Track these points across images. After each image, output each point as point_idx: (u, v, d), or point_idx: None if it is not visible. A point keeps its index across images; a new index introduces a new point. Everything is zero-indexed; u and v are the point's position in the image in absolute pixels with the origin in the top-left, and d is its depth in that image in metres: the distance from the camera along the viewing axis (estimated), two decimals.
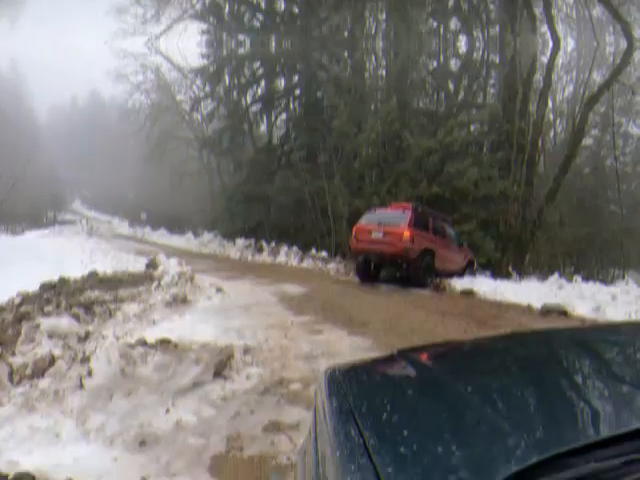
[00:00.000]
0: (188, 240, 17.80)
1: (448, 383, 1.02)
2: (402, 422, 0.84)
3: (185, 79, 21.73)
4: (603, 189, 21.24)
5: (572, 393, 0.98)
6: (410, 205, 8.78)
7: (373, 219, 8.68)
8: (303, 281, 8.70)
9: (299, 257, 12.27)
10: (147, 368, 3.11)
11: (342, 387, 1.03)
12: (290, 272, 10.58)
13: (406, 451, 0.71)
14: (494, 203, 14.15)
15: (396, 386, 1.11)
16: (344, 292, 7.51)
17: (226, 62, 16.29)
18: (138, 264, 9.38)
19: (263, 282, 8.59)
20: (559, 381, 1.03)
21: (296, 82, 17.96)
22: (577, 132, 14.89)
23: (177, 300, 6.19)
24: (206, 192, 22.00)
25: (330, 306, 6.28)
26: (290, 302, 6.59)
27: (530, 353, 1.28)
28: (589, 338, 1.38)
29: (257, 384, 3.47)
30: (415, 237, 8.04)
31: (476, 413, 0.84)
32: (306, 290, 7.62)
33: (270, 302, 6.64)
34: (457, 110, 16.69)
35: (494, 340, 1.62)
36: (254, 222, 16.40)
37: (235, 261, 13.04)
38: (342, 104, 14.53)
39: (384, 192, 13.49)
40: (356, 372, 1.20)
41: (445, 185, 12.94)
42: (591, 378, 1.06)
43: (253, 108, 17.92)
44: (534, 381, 1.03)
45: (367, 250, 8.44)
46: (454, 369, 1.20)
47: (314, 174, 14.55)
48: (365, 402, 0.95)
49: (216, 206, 19.63)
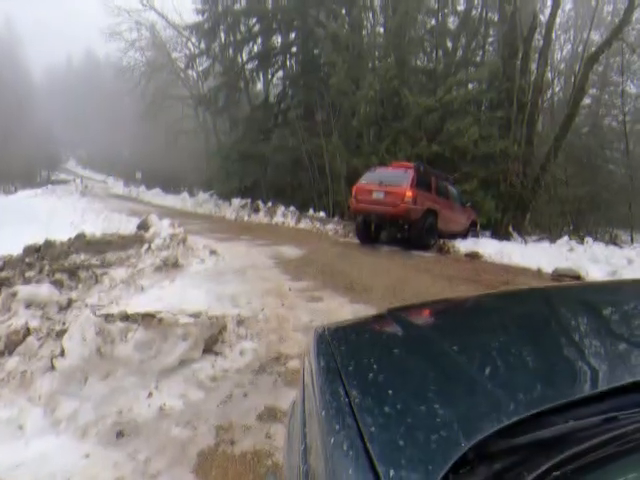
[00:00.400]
0: (183, 200, 17.17)
1: (435, 342, 1.00)
2: (388, 381, 0.82)
3: (180, 36, 20.37)
4: (602, 148, 20.71)
5: (556, 352, 0.95)
6: (412, 164, 8.19)
7: (374, 178, 8.12)
8: (301, 243, 8.23)
9: (296, 217, 11.74)
10: (127, 346, 2.67)
11: (330, 347, 1.00)
12: (287, 233, 10.08)
13: (390, 410, 0.70)
14: (494, 162, 13.65)
15: (384, 345, 1.06)
16: (344, 255, 7.04)
17: (222, 18, 15.06)
18: (130, 225, 8.87)
19: (259, 244, 8.13)
20: (544, 340, 1.01)
21: (293, 39, 16.84)
22: (578, 91, 14.20)
23: (168, 264, 5.73)
24: (202, 151, 21.19)
25: (329, 270, 5.84)
26: (287, 266, 6.15)
27: (517, 311, 1.27)
28: (575, 296, 1.40)
29: (252, 361, 3.07)
30: (417, 197, 7.57)
31: (460, 372, 0.83)
32: (304, 252, 7.16)
33: (266, 265, 6.20)
34: (456, 68, 15.91)
35: (484, 298, 1.60)
36: (250, 181, 15.79)
37: (231, 221, 12.50)
38: (340, 61, 13.62)
39: (383, 151, 12.89)
40: (345, 332, 1.16)
41: (445, 144, 12.35)
42: (575, 337, 1.05)
43: (249, 65, 16.86)
44: (519, 339, 1.03)
45: (367, 210, 7.93)
46: (442, 328, 1.19)
47: (311, 132, 13.82)
48: (352, 361, 0.92)
49: (212, 165, 18.91)
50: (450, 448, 0.58)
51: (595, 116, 22.54)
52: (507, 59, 14.22)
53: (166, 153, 24.12)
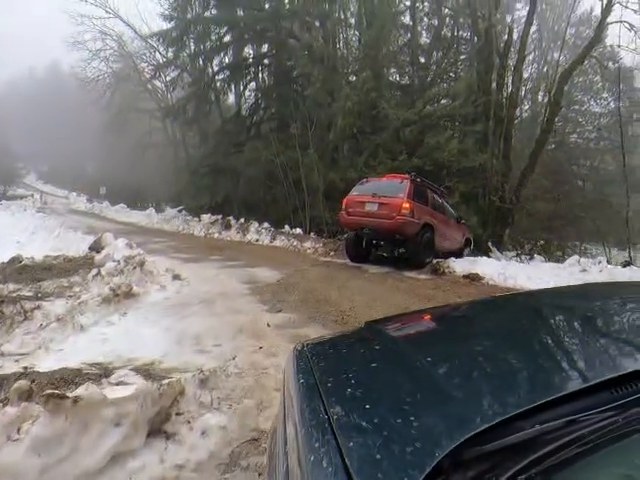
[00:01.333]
0: (149, 216, 15.89)
1: (411, 354, 1.01)
2: (365, 396, 0.81)
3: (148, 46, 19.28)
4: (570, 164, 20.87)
5: (523, 358, 0.95)
6: (407, 175, 7.41)
7: (366, 190, 7.32)
8: (278, 263, 7.27)
9: (271, 234, 10.77)
10: (18, 449, 1.67)
11: (309, 363, 0.99)
12: (262, 252, 9.08)
13: (367, 425, 0.70)
14: (473, 177, 13.22)
15: (362, 360, 1.04)
16: (328, 278, 6.13)
17: (190, 26, 14.15)
18: (83, 245, 7.70)
19: (231, 265, 7.13)
20: (513, 346, 1.02)
21: (266, 50, 16.10)
22: (553, 106, 14.09)
23: (120, 293, 4.67)
24: (170, 165, 20.02)
25: (314, 298, 4.92)
26: (264, 292, 5.19)
27: (488, 319, 1.32)
28: (543, 302, 1.44)
29: (219, 446, 2.11)
30: (415, 210, 6.81)
31: (434, 382, 0.83)
32: (282, 275, 6.21)
33: (239, 292, 5.22)
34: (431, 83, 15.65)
35: (459, 306, 1.63)
36: (221, 196, 14.76)
37: (200, 239, 11.38)
38: (315, 72, 12.96)
39: (361, 164, 12.20)
40: (324, 347, 1.15)
41: (425, 157, 11.76)
42: (541, 343, 1.07)
43: (220, 76, 15.95)
44: (489, 347, 1.03)
45: (360, 224, 7.07)
46: (418, 339, 1.20)
47: (286, 145, 12.99)
48: (331, 377, 0.91)
49: (181, 180, 17.79)
50: (425, 458, 0.59)
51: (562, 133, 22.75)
52: (483, 74, 13.95)
53: (133, 167, 22.80)
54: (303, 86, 13.59)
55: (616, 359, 0.91)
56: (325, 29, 15.01)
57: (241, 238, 11.18)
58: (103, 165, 25.40)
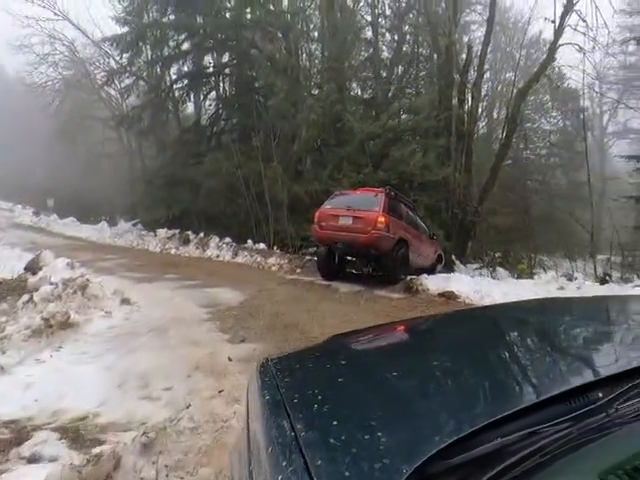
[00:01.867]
0: (101, 230, 14.78)
1: (378, 367, 1.01)
2: (333, 412, 0.80)
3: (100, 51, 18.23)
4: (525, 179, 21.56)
5: (487, 370, 0.96)
6: (382, 189, 7.18)
7: (340, 203, 7.03)
8: (240, 282, 6.70)
9: (233, 250, 10.13)
10: None
11: (274, 379, 0.96)
12: (223, 270, 8.44)
13: (335, 442, 0.69)
14: (437, 190, 13.23)
15: (328, 374, 1.02)
16: (296, 299, 5.63)
17: (147, 31, 13.44)
18: (20, 264, 6.83)
19: (188, 285, 6.49)
20: (477, 359, 1.03)
21: (227, 60, 15.59)
22: (510, 122, 14.48)
23: (54, 323, 4.00)
24: (125, 176, 18.92)
25: (281, 323, 4.42)
26: (225, 318, 4.63)
27: (455, 332, 1.32)
28: (504, 316, 1.47)
29: None
30: (390, 224, 6.55)
31: (401, 396, 0.84)
32: (245, 297, 5.65)
33: (197, 318, 4.63)
34: (393, 97, 15.72)
35: (424, 320, 1.63)
36: (179, 209, 13.95)
37: (155, 256, 10.55)
38: (279, 83, 12.58)
39: (326, 177, 11.86)
40: (289, 362, 1.12)
41: (391, 171, 11.58)
42: (505, 355, 1.09)
43: (178, 84, 15.22)
44: (455, 360, 1.03)
45: (333, 238, 6.73)
46: (385, 352, 1.18)
47: (248, 157, 12.47)
48: (297, 393, 0.89)
49: (136, 192, 16.80)
50: (392, 474, 0.59)
51: (516, 149, 23.54)
52: (444, 90, 14.09)
53: (84, 179, 21.37)
54: (266, 97, 13.16)
55: (572, 371, 0.93)
56: (288, 40, 14.72)
57: (200, 254, 10.47)
58: (52, 176, 23.68)
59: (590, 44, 13.45)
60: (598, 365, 0.96)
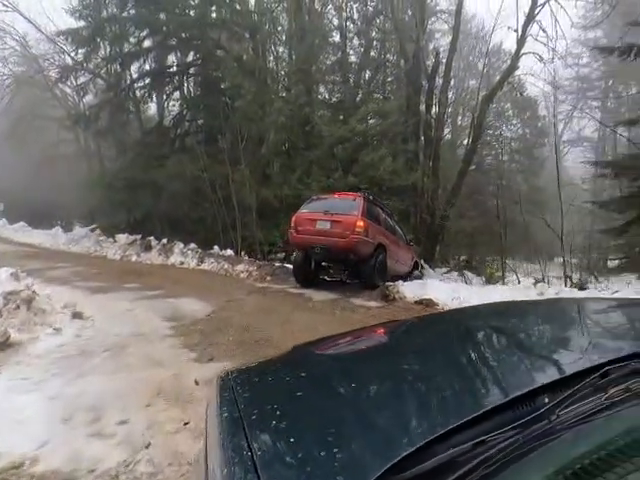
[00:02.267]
0: (55, 236, 13.80)
1: (337, 380, 1.01)
2: (291, 428, 0.78)
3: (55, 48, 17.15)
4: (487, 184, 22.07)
5: (441, 380, 0.96)
6: (360, 193, 7.12)
7: (317, 207, 6.85)
8: (207, 292, 6.26)
9: (198, 257, 9.61)
10: None
11: (233, 394, 0.94)
12: (188, 278, 7.93)
13: (292, 460, 0.69)
14: (406, 195, 13.22)
15: (288, 388, 0.99)
16: (267, 309, 5.26)
17: (105, 25, 12.69)
18: None
19: (150, 296, 5.99)
20: (433, 367, 1.04)
21: (192, 59, 15.01)
22: (476, 127, 14.71)
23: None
24: (83, 179, 17.86)
25: (252, 337, 4.06)
26: (191, 333, 4.22)
27: (415, 339, 1.34)
28: (457, 322, 1.49)
29: None
30: (369, 229, 6.40)
31: (356, 410, 0.82)
32: (213, 308, 5.24)
33: (159, 334, 4.20)
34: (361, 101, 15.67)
35: (386, 327, 1.62)
36: (141, 213, 13.27)
37: (114, 263, 9.86)
38: (246, 84, 12.19)
39: (295, 181, 11.57)
40: (249, 375, 1.09)
41: (360, 175, 11.42)
42: (459, 362, 1.09)
43: (139, 84, 14.48)
44: (413, 369, 1.05)
45: (310, 243, 6.51)
46: (344, 363, 1.17)
47: (215, 159, 11.99)
48: (255, 409, 0.87)
49: (95, 195, 15.87)
50: None
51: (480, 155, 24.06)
52: (412, 95, 14.13)
53: (37, 181, 20.02)
54: (233, 98, 12.71)
55: (521, 377, 0.92)
56: (255, 41, 14.37)
57: (163, 261, 9.89)
58: (1, 179, 22.22)
59: (550, 54, 13.90)
60: (547, 370, 0.95)
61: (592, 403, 0.70)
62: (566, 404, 0.69)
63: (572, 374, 0.78)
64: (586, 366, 0.80)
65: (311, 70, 14.11)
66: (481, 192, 20.58)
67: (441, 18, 16.76)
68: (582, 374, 0.76)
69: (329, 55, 16.18)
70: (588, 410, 0.69)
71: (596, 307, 1.62)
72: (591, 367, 0.78)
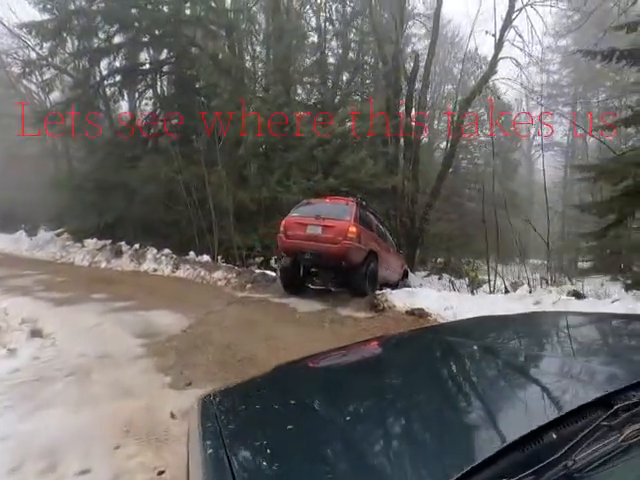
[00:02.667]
0: (18, 241, 12.94)
1: (318, 403, 0.97)
2: (269, 449, 0.77)
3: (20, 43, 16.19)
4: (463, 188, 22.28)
5: (440, 415, 0.87)
6: (353, 198, 6.86)
7: (308, 211, 6.56)
8: (183, 303, 5.83)
9: (173, 263, 9.10)
10: None
11: (215, 414, 0.93)
12: (162, 286, 7.42)
13: None
14: (387, 198, 13.05)
15: (267, 408, 0.97)
16: (249, 323, 4.87)
17: (72, 18, 11.98)
18: None
19: (120, 308, 5.51)
20: (416, 391, 0.99)
21: (165, 57, 14.43)
22: (456, 130, 14.71)
23: None
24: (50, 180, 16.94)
25: (234, 356, 3.68)
26: (165, 352, 3.81)
27: (402, 359, 1.27)
28: (457, 343, 1.35)
29: None
30: (362, 235, 6.16)
31: (342, 436, 0.79)
32: (190, 321, 4.82)
33: (130, 354, 3.77)
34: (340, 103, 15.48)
35: (372, 344, 1.58)
36: (112, 217, 12.58)
37: (81, 271, 9.22)
38: (222, 83, 11.75)
39: (274, 183, 11.19)
40: (232, 396, 1.09)
41: (341, 178, 11.15)
42: (465, 393, 1.01)
43: (110, 81, 13.79)
44: (394, 392, 0.99)
45: (300, 248, 6.22)
46: (327, 385, 1.14)
47: (190, 161, 11.48)
48: (236, 430, 0.87)
49: (63, 198, 15.08)
50: None
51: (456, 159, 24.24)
52: (392, 97, 14.00)
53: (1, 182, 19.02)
54: (209, 98, 12.24)
55: (523, 410, 0.85)
56: (231, 40, 13.94)
57: (135, 267, 9.33)
58: None
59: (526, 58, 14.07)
60: (551, 402, 0.86)
61: (609, 446, 0.64)
62: (582, 447, 0.63)
63: (579, 407, 0.72)
64: (592, 398, 0.74)
65: (289, 70, 13.79)
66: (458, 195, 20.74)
67: (419, 21, 16.70)
68: (588, 407, 0.72)
69: (307, 56, 15.91)
70: (605, 454, 0.63)
71: (591, 323, 1.53)
72: (598, 399, 0.73)
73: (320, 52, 15.21)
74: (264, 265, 11.76)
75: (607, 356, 1.16)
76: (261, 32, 15.13)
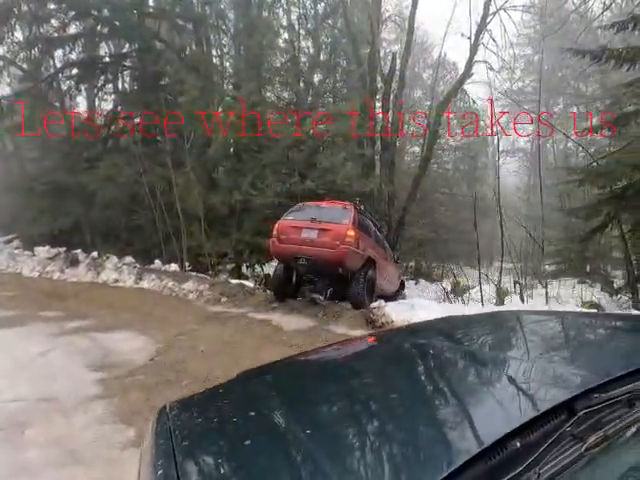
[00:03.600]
0: None
1: (282, 409, 0.91)
2: (221, 463, 0.74)
3: None
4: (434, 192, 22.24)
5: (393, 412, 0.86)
6: (350, 203, 6.67)
7: (304, 215, 6.17)
8: (149, 321, 5.00)
9: (136, 273, 8.15)
10: None
11: (170, 429, 0.87)
12: (124, 300, 6.48)
13: None
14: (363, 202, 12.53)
15: (229, 421, 0.92)
16: (230, 346, 4.12)
17: (21, 3, 10.80)
18: None
19: (73, 329, 4.63)
20: (379, 401, 0.94)
21: (127, 50, 13.40)
22: (432, 134, 14.46)
23: None
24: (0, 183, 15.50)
25: None
26: (128, 390, 3.03)
27: (368, 364, 1.22)
28: (423, 338, 1.35)
29: None
30: (360, 240, 5.79)
31: (300, 445, 0.75)
32: (158, 346, 4.03)
33: (81, 396, 2.96)
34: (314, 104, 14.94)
35: (338, 350, 1.49)
36: (68, 223, 11.46)
37: (30, 282, 8.08)
38: (191, 79, 10.89)
39: (247, 186, 10.42)
40: (190, 408, 1.01)
41: (318, 180, 10.54)
42: (428, 400, 0.95)
43: (65, 74, 12.61)
44: (368, 403, 0.95)
45: (294, 253, 5.82)
46: (291, 393, 1.08)
47: (155, 162, 10.56)
48: (191, 447, 0.81)
49: (14, 201, 13.77)
50: None
51: None
52: (367, 98, 13.54)
53: None
54: (175, 95, 11.36)
55: (485, 417, 0.79)
56: (199, 35, 13.09)
57: (93, 278, 8.31)
58: None
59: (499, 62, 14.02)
60: (511, 409, 0.81)
61: (572, 456, 0.62)
62: (546, 459, 0.60)
63: (542, 413, 0.68)
64: (557, 402, 0.71)
65: (261, 68, 13.10)
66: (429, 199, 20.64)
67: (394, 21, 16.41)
68: (553, 411, 0.69)
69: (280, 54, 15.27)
70: (569, 465, 0.61)
71: (555, 322, 1.50)
72: (562, 403, 0.70)
73: (293, 49, 14.58)
74: (235, 272, 10.97)
75: (571, 357, 1.12)
76: (231, 27, 14.32)
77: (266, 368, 1.25)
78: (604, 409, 0.70)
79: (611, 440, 0.65)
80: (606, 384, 0.76)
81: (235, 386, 1.14)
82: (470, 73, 13.52)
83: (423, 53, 25.62)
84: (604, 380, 0.76)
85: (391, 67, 13.23)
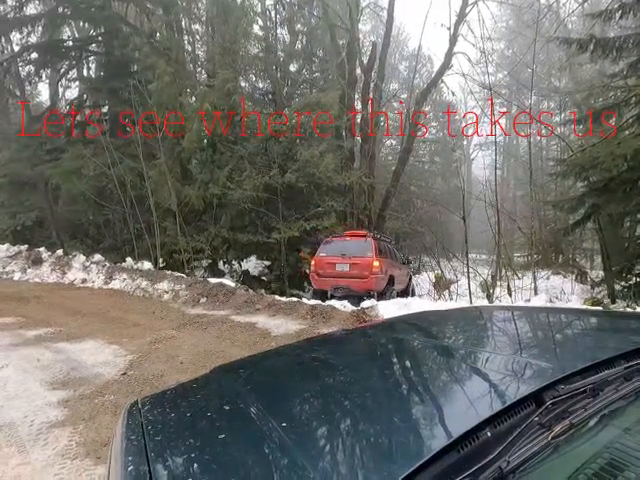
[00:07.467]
0: None
1: (257, 411, 0.86)
2: (197, 458, 0.70)
3: None
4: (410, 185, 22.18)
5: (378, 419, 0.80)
6: (367, 233, 8.19)
7: (333, 250, 7.70)
8: (120, 327, 4.51)
9: (106, 272, 7.56)
10: None
11: (141, 424, 0.83)
12: (92, 304, 5.92)
13: None
14: (344, 195, 12.22)
15: (203, 416, 0.87)
16: (212, 356, 3.64)
17: None
18: None
19: (32, 339, 4.10)
20: (353, 392, 0.93)
21: (92, 34, 12.55)
22: (412, 126, 14.23)
23: None
24: None
25: None
26: (96, 415, 2.58)
27: (345, 357, 1.23)
28: (404, 332, 1.41)
29: None
30: (382, 266, 7.35)
31: (274, 439, 0.72)
32: (131, 357, 3.58)
33: (39, 422, 2.51)
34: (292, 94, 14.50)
35: (313, 344, 1.49)
36: (31, 219, 10.71)
37: None
38: (161, 66, 10.21)
39: (224, 179, 9.94)
40: (162, 403, 0.95)
41: (298, 172, 10.15)
42: (400, 394, 0.94)
43: (25, 58, 11.68)
44: (340, 396, 0.93)
45: (333, 285, 7.38)
46: (268, 388, 1.04)
47: (125, 153, 9.90)
48: (164, 443, 0.77)
49: None
50: None
51: None
52: (346, 89, 13.17)
53: None
54: (146, 82, 10.68)
55: (455, 407, 0.81)
56: (169, 19, 12.37)
57: (58, 279, 7.66)
58: None
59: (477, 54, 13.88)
60: (482, 399, 0.81)
61: (539, 444, 0.64)
62: (515, 447, 0.62)
63: (512, 403, 0.70)
64: (525, 393, 0.73)
65: (237, 57, 12.51)
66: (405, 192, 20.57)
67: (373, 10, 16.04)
68: (522, 402, 0.71)
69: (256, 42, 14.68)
70: (536, 453, 0.63)
71: (524, 317, 1.55)
72: (531, 393, 0.73)
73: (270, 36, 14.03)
74: (211, 268, 10.48)
75: (539, 350, 1.14)
76: (204, 13, 13.64)
77: (241, 362, 1.23)
78: (570, 399, 0.73)
79: (576, 428, 0.68)
80: (572, 376, 0.79)
81: (209, 380, 1.11)
82: (450, 64, 13.34)
83: (399, 45, 25.44)
84: (570, 372, 0.79)
85: (371, 56, 12.88)
